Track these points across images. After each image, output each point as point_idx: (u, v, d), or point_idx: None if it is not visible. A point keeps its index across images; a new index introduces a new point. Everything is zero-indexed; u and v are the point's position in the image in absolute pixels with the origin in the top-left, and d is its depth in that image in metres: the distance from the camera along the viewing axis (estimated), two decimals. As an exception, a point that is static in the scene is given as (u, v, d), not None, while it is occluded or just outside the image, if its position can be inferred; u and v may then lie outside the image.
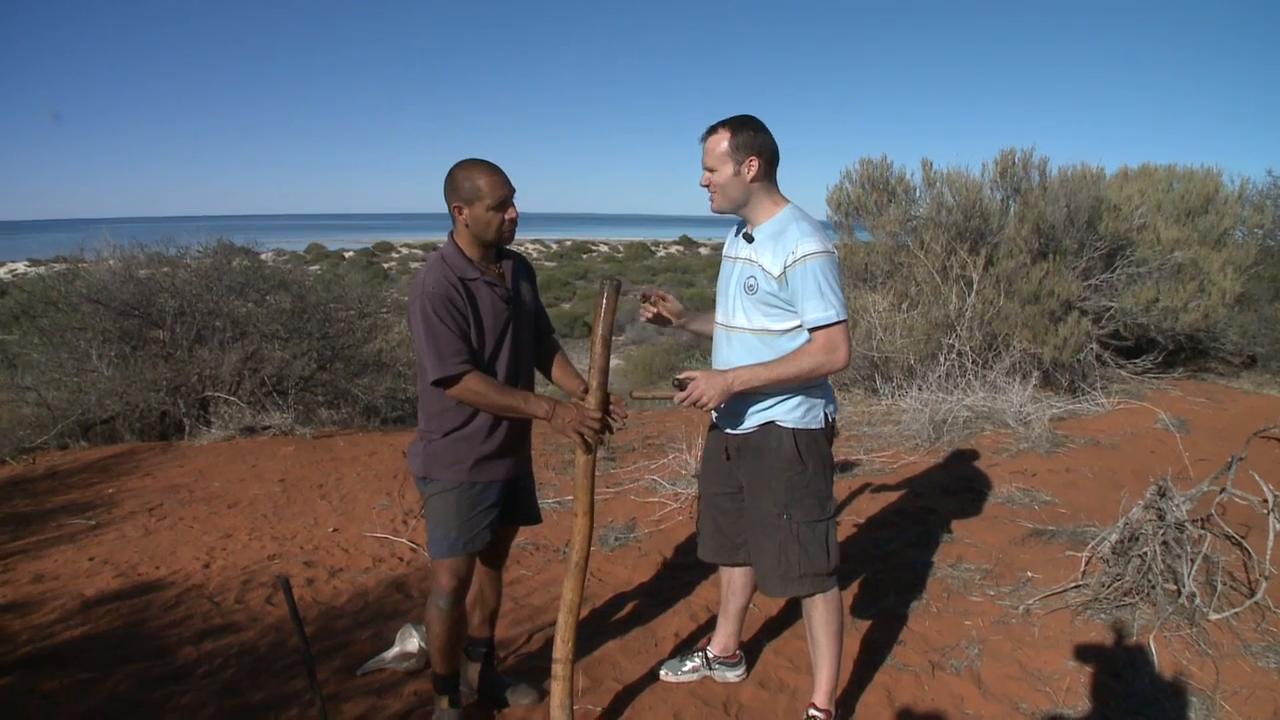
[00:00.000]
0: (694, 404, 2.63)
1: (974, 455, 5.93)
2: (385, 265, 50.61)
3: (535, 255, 56.59)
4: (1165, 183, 9.89)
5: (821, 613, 2.81)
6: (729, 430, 2.87)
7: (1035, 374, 7.42)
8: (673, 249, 72.40)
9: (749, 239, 2.75)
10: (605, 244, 75.67)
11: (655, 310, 2.97)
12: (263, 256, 9.75)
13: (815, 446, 2.77)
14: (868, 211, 9.09)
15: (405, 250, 66.76)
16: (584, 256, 61.21)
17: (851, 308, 8.34)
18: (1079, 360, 7.70)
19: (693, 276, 45.54)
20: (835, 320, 2.59)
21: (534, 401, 2.66)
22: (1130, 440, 6.35)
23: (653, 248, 71.19)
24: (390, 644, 3.43)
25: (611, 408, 2.67)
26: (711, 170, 2.69)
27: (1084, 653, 3.37)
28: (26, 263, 29.57)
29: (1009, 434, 6.41)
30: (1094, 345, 7.88)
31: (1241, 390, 8.40)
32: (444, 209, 2.72)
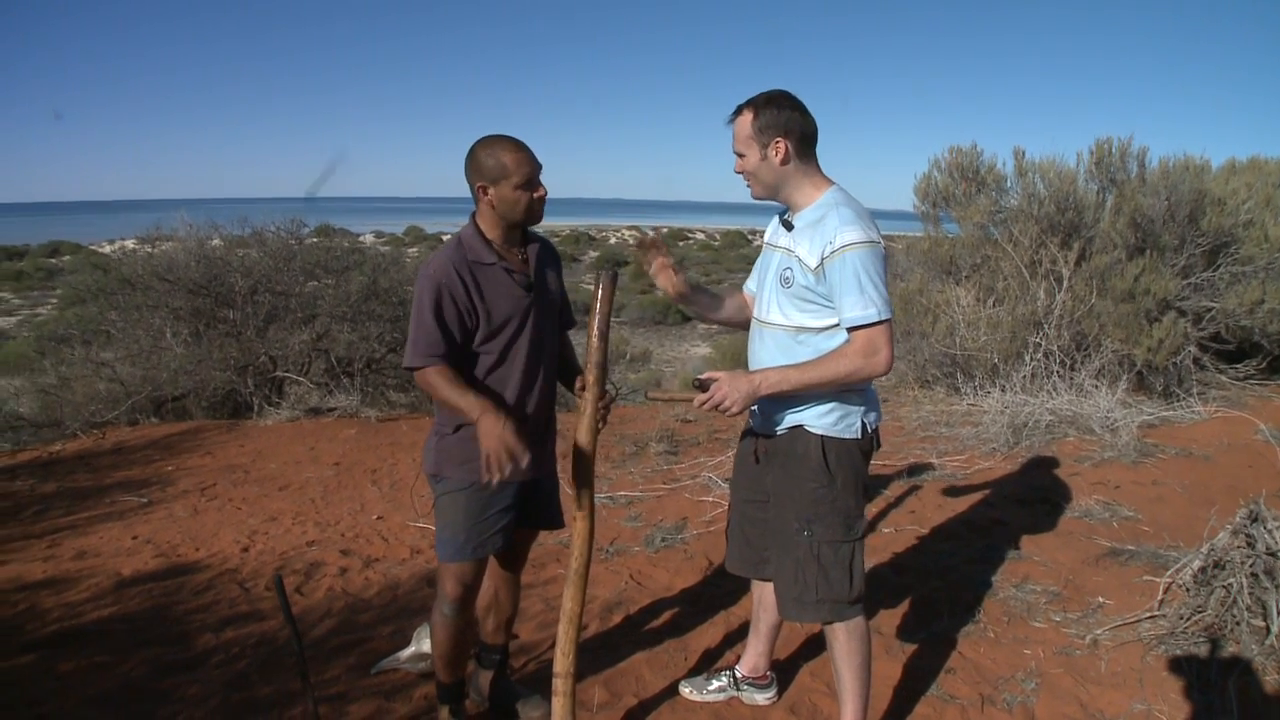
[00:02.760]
0: (716, 408, 2.41)
1: (1053, 463, 5.55)
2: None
3: (632, 242, 56.60)
4: (1276, 176, 9.20)
5: (843, 643, 2.55)
6: (759, 431, 2.63)
7: (1126, 377, 6.93)
8: (768, 237, 71.79)
9: (789, 226, 2.51)
10: (701, 231, 75.25)
11: (659, 261, 2.64)
12: (361, 239, 9.78)
13: (847, 459, 2.50)
14: (956, 202, 8.68)
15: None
16: (680, 244, 60.99)
17: (934, 302, 7.99)
18: (1175, 364, 7.18)
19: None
20: (876, 320, 2.32)
21: (473, 400, 2.40)
22: (1226, 452, 5.87)
23: (749, 235, 70.58)
24: (408, 643, 3.30)
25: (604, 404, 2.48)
26: (741, 155, 2.45)
27: (1154, 695, 3.04)
28: (135, 240, 30.71)
29: (1094, 441, 5.99)
30: (1192, 348, 7.33)
31: (1354, 401, 7.76)
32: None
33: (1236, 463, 5.62)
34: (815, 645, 3.40)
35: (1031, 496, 4.95)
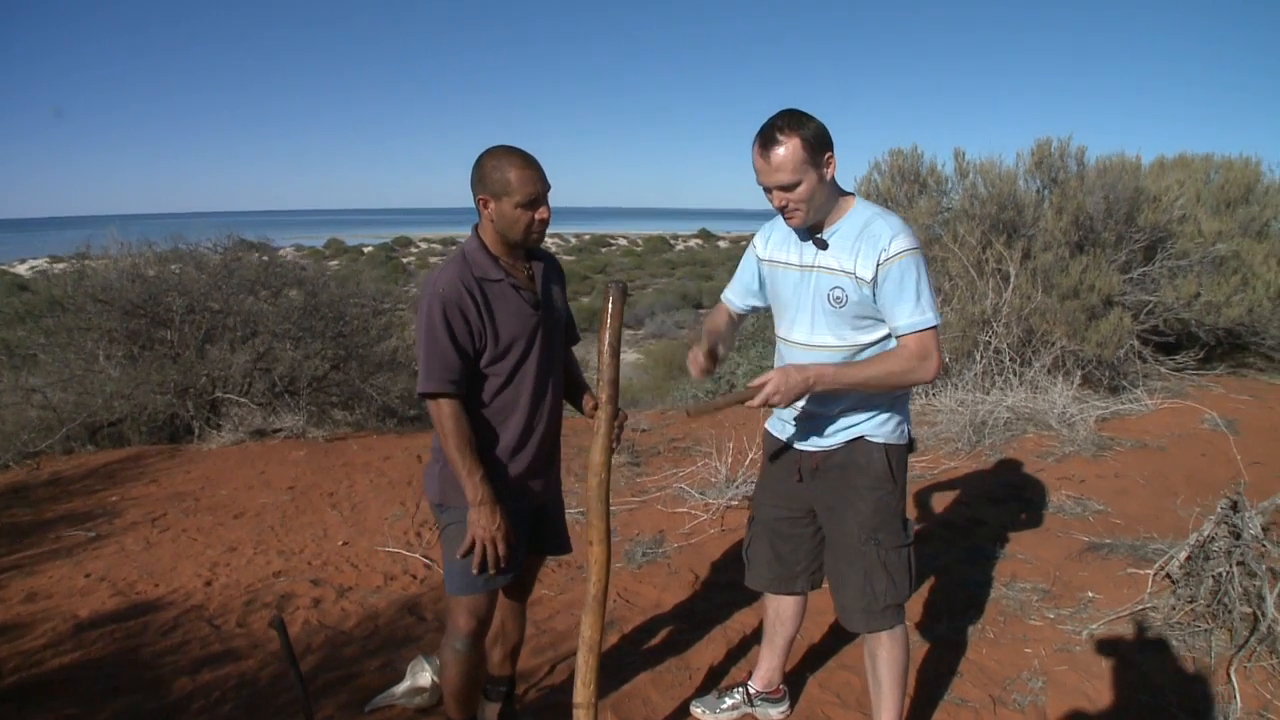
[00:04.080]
0: (765, 402, 2.30)
1: (1018, 460, 5.62)
2: (404, 260, 50.61)
3: (554, 249, 56.54)
4: (1203, 173, 9.53)
5: (888, 650, 2.52)
6: (804, 448, 2.56)
7: (1080, 373, 7.08)
8: (691, 242, 72.22)
9: (822, 244, 2.42)
10: (624, 237, 75.50)
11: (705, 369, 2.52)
12: (281, 252, 9.51)
13: (904, 463, 2.51)
14: (897, 204, 8.77)
15: (424, 245, 66.85)
16: (602, 250, 61.06)
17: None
18: (1118, 357, 7.37)
19: (711, 269, 45.30)
20: (930, 325, 2.31)
21: (477, 484, 2.36)
22: (1178, 442, 6.02)
23: (671, 241, 70.99)
24: (401, 677, 3.15)
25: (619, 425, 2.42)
26: (790, 187, 2.31)
27: (1159, 687, 3.07)
28: (48, 259, 29.50)
29: (1052, 436, 6.08)
30: (1134, 341, 7.53)
31: (1286, 387, 8.05)
32: (464, 203, 2.42)
33: (1190, 452, 5.77)
34: (820, 656, 3.37)
35: (1004, 494, 5.00)
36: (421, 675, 3.07)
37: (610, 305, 2.27)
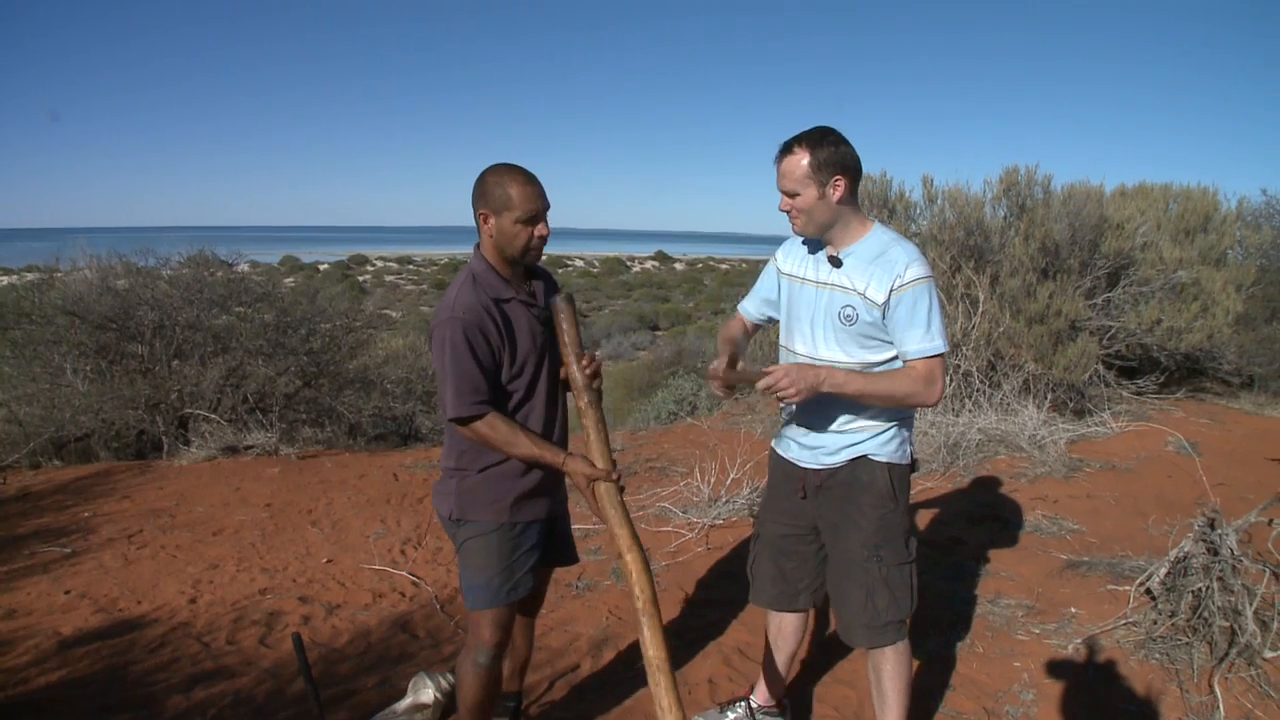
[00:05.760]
0: (773, 391, 2.35)
1: (993, 481, 5.73)
2: (360, 278, 50.24)
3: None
4: (1162, 201, 9.80)
5: (892, 664, 2.59)
6: (809, 465, 2.63)
7: (1050, 396, 7.25)
8: (648, 264, 72.45)
9: (836, 263, 2.51)
10: (581, 258, 75.66)
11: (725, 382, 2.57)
12: (238, 269, 9.44)
13: (905, 482, 2.59)
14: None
15: (380, 263, 66.38)
16: (559, 271, 61.08)
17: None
18: (1083, 381, 7.55)
19: (668, 292, 45.49)
20: (939, 352, 2.40)
21: (549, 449, 2.44)
22: (1145, 464, 6.19)
23: (628, 263, 71.22)
24: (402, 693, 3.15)
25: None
26: (792, 195, 2.43)
27: (1145, 699, 3.16)
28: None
29: (1024, 458, 6.22)
30: (1098, 366, 7.73)
31: (1243, 411, 8.29)
32: (417, 223, 2.48)
33: (1157, 474, 5.94)
34: (816, 670, 3.42)
35: (982, 514, 5.10)
36: (424, 692, 3.07)
37: (562, 317, 2.46)
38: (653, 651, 2.23)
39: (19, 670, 3.52)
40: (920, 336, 2.39)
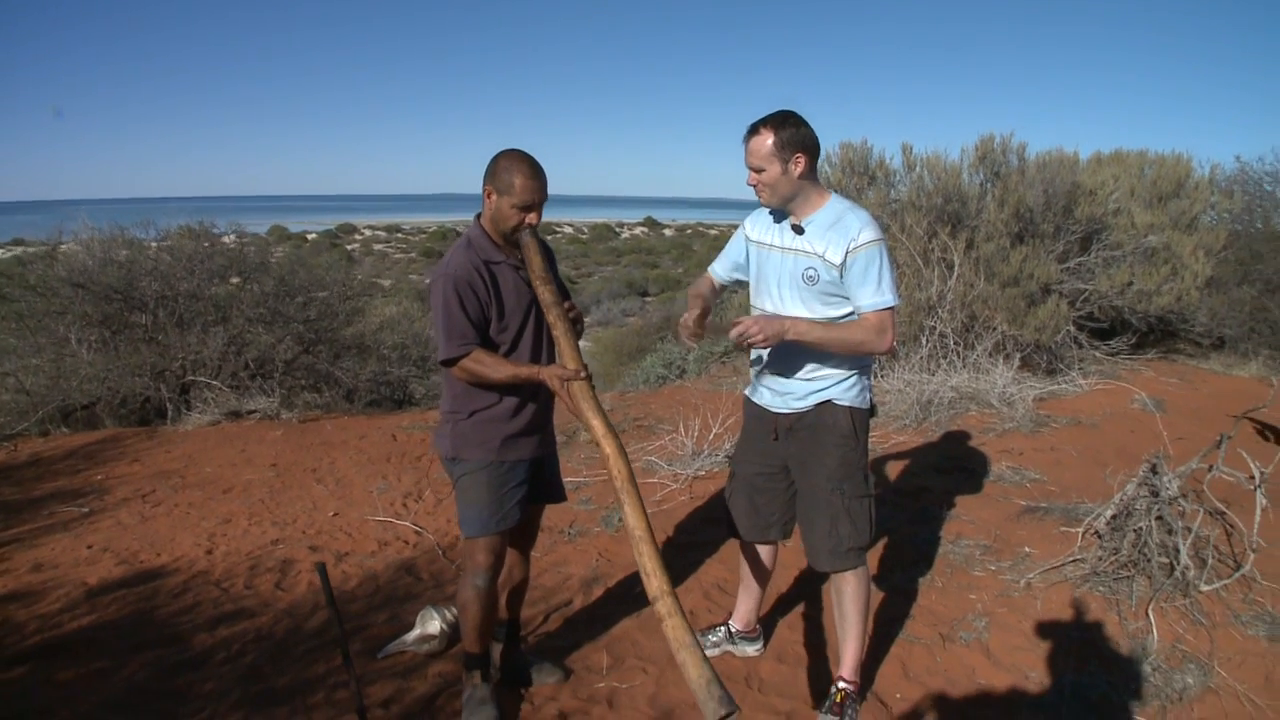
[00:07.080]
0: (741, 337, 2.66)
1: (962, 435, 6.04)
2: (349, 247, 50.22)
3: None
4: (1137, 168, 10.06)
5: (853, 587, 2.90)
6: (780, 410, 2.95)
7: (1017, 356, 7.55)
8: (637, 230, 72.44)
9: (799, 230, 2.80)
10: (570, 225, 75.57)
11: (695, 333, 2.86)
12: (225, 239, 9.62)
13: (865, 424, 2.91)
14: (846, 195, 9.14)
15: (369, 232, 66.24)
16: (548, 238, 61.15)
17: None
18: (1055, 342, 7.85)
19: (657, 258, 45.62)
20: (889, 305, 2.71)
21: (525, 366, 2.74)
22: (1110, 420, 6.50)
23: (617, 229, 71.22)
24: (410, 626, 3.46)
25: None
26: (759, 170, 2.73)
27: (1086, 624, 3.48)
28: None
29: (993, 414, 6.53)
30: (1070, 327, 8.03)
31: (1211, 371, 8.60)
32: (408, 190, 2.76)
33: (1120, 429, 6.25)
34: (786, 604, 3.74)
35: (949, 465, 5.41)
36: (431, 624, 3.37)
37: (528, 247, 2.74)
38: (633, 522, 2.47)
39: (52, 616, 3.81)
40: (872, 292, 2.69)
